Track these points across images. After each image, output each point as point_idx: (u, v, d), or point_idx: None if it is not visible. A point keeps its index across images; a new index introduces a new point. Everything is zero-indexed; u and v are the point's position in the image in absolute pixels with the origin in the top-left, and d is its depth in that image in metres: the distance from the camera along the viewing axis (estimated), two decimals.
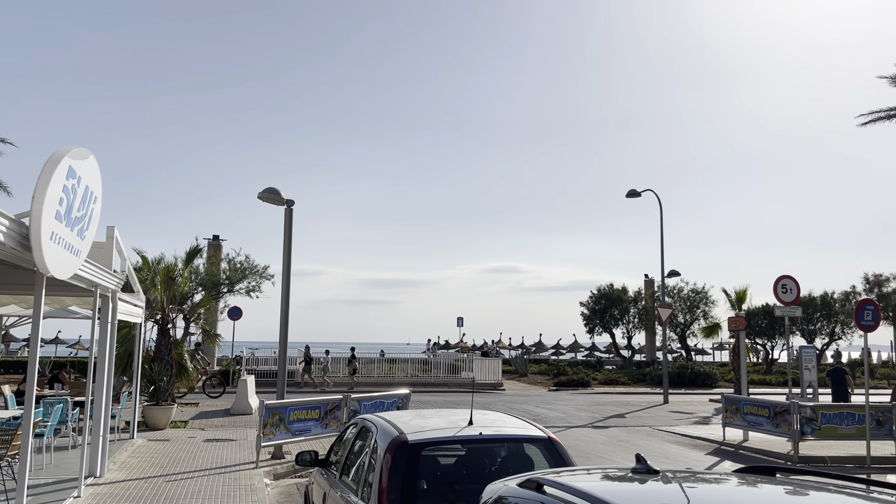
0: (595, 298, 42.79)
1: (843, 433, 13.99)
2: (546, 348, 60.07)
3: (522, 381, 35.02)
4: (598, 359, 49.64)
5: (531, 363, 42.86)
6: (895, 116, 30.88)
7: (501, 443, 5.73)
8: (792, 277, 15.98)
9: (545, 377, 35.79)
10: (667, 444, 15.69)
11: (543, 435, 5.66)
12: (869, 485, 2.81)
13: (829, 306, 42.01)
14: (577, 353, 58.01)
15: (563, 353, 59.84)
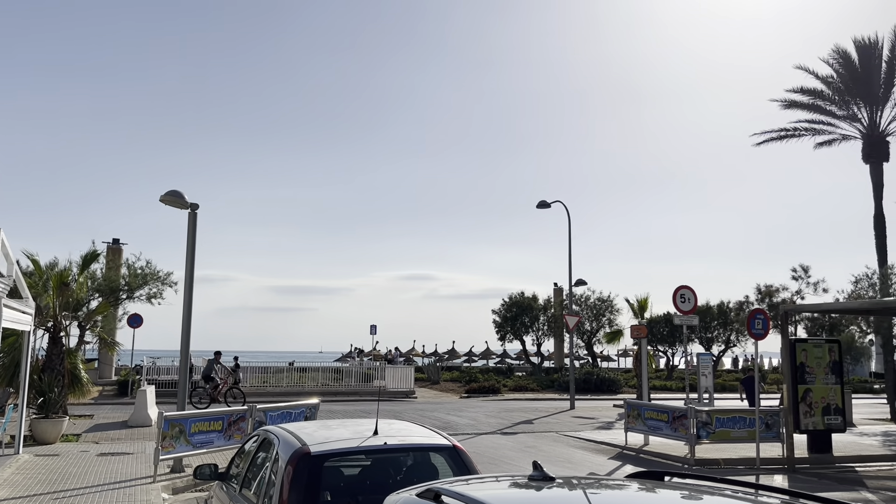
0: (507, 306, 43.43)
1: (735, 436, 14.71)
2: (459, 355, 60.47)
3: (435, 389, 35.11)
4: (509, 365, 50.38)
5: (444, 370, 43.04)
6: (786, 137, 32.89)
7: (406, 452, 5.71)
8: (690, 288, 16.70)
9: (457, 384, 36.01)
10: (572, 449, 16.06)
11: (448, 443, 5.68)
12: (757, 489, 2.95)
13: (724, 315, 44.13)
14: (489, 360, 58.67)
15: (476, 360, 60.38)
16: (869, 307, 18.39)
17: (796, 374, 15.03)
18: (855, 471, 13.86)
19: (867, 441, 18.05)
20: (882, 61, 30.04)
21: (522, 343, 44.31)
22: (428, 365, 46.17)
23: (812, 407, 15.08)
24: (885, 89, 30.09)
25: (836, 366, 15.54)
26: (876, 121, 30.21)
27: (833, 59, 30.86)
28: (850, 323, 31.60)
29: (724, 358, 49.46)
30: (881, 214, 29.34)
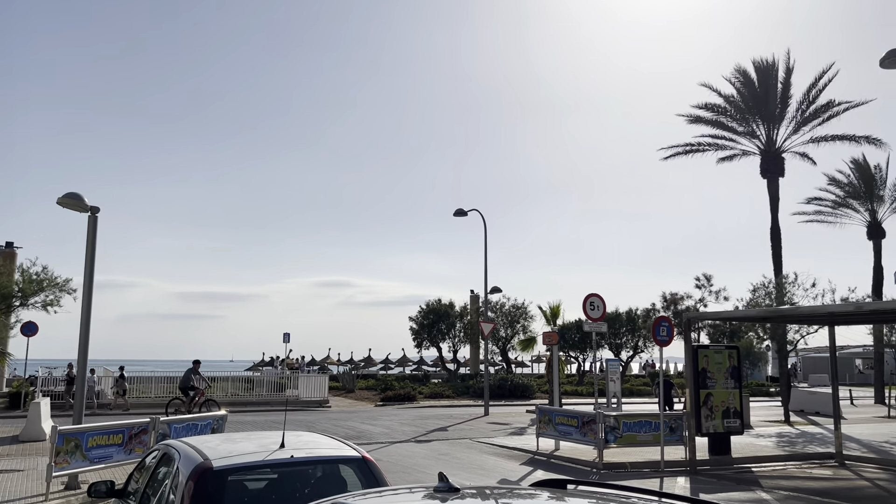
0: (424, 313, 43.47)
1: (641, 440, 15.17)
2: (375, 363, 60.10)
3: (350, 397, 34.72)
4: (426, 373, 50.42)
5: (359, 378, 42.64)
6: (691, 152, 34.38)
7: (314, 465, 5.60)
8: (599, 295, 17.15)
9: (373, 392, 35.73)
10: (485, 455, 16.18)
11: (357, 455, 5.61)
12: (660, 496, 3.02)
13: (633, 322, 45.62)
14: (406, 368, 58.58)
15: (392, 368, 60.16)
16: (765, 315, 19.37)
17: (698, 379, 15.66)
18: (751, 471, 14.54)
19: (763, 442, 18.99)
20: (778, 82, 31.85)
21: (439, 350, 44.45)
22: (343, 373, 45.63)
23: (713, 411, 15.73)
24: (781, 108, 31.90)
25: (735, 371, 16.28)
26: (773, 138, 31.98)
27: (735, 77, 32.50)
28: (748, 329, 33.20)
29: (632, 363, 51.05)
30: (777, 227, 31.04)
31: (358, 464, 5.57)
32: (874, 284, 36.38)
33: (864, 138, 31.49)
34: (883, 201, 37.83)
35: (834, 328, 16.46)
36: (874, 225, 37.74)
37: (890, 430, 22.76)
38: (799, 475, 14.22)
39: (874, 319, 22.07)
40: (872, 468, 15.06)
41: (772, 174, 31.52)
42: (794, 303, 26.15)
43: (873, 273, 36.95)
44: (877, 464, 15.52)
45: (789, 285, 27.46)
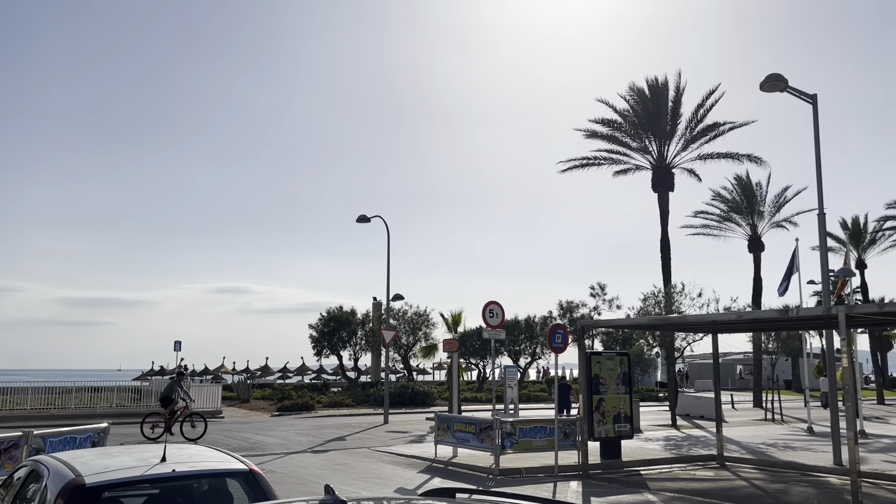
0: (324, 321, 42.77)
1: (536, 446, 15.44)
2: (272, 372, 58.63)
3: (244, 408, 33.66)
4: (325, 381, 49.61)
5: (255, 388, 41.45)
6: (587, 165, 35.53)
7: (198, 479, 5.34)
8: (498, 303, 17.38)
9: (269, 402, 34.80)
10: (383, 464, 16.03)
11: (244, 468, 5.39)
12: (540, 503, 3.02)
13: (531, 329, 46.61)
14: (305, 377, 57.45)
15: (291, 377, 58.85)
16: (654, 323, 20.20)
17: (591, 385, 16.12)
18: (640, 474, 15.08)
19: (651, 446, 19.77)
20: (669, 100, 33.43)
21: (339, 358, 43.86)
22: (238, 383, 44.23)
23: (605, 416, 16.23)
24: (671, 126, 33.49)
25: (626, 377, 16.87)
26: (664, 154, 33.52)
27: (629, 95, 33.86)
28: (639, 337, 34.53)
29: (530, 370, 52.05)
30: (666, 239, 32.50)
31: (245, 477, 5.34)
32: (754, 294, 38.73)
33: (747, 156, 33.50)
34: (763, 217, 40.37)
35: (717, 336, 17.35)
36: (755, 239, 40.20)
37: (767, 433, 24.20)
38: (683, 477, 14.86)
39: (753, 328, 23.44)
40: (750, 468, 15.94)
41: (662, 188, 33.00)
42: (681, 311, 27.42)
43: (753, 284, 39.33)
44: (754, 464, 16.45)
45: (677, 295, 28.79)
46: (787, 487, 13.58)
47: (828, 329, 17.69)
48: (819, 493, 12.94)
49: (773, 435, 23.23)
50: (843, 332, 11.78)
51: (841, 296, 28.27)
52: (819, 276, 18.38)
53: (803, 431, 24.21)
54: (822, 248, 16.90)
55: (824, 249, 16.89)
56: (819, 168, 16.66)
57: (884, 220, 46.28)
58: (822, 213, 16.72)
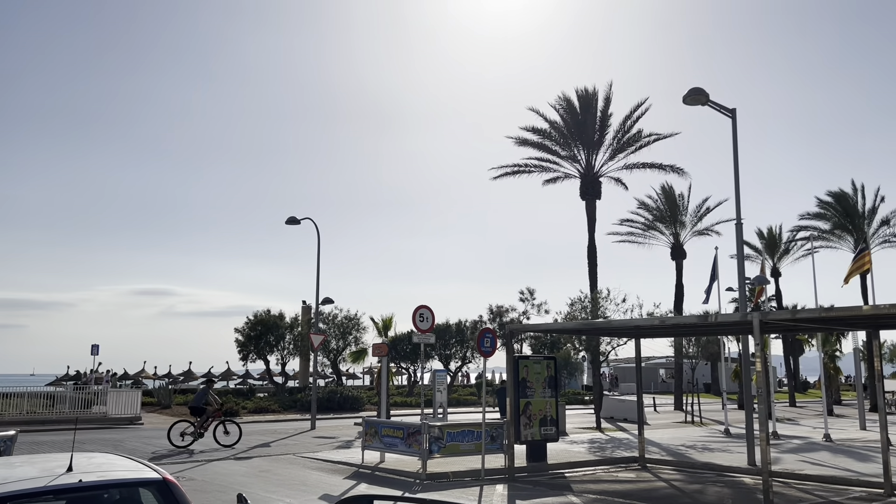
0: (251, 324, 41.85)
1: (464, 449, 15.47)
2: (196, 377, 57.12)
3: (166, 414, 32.57)
4: (251, 386, 48.60)
5: (178, 393, 40.20)
6: (518, 173, 35.99)
7: (107, 489, 5.10)
8: (428, 307, 17.38)
9: None
10: (308, 470, 15.77)
11: (158, 476, 5.17)
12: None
13: (462, 333, 46.85)
14: (230, 382, 56.20)
15: (215, 382, 57.41)
16: (580, 327, 20.58)
17: (518, 388, 16.28)
18: (564, 476, 15.31)
19: (576, 448, 20.12)
20: (598, 111, 34.23)
21: (266, 363, 43.00)
22: (159, 388, 42.78)
23: (531, 419, 16.42)
24: (599, 135, 34.28)
25: (552, 380, 17.12)
26: (591, 163, 34.27)
27: (559, 104, 34.50)
28: (566, 341, 35.13)
29: (460, 373, 52.25)
30: (593, 245, 33.23)
31: (158, 486, 5.12)
32: (676, 300, 39.99)
33: (671, 167, 34.60)
34: (685, 225, 41.77)
35: (640, 340, 17.80)
36: (677, 247, 41.53)
37: (686, 435, 24.99)
38: (606, 479, 15.17)
39: (675, 333, 24.19)
40: (669, 470, 16.41)
41: (590, 197, 33.74)
42: (606, 316, 28.07)
43: (675, 290, 40.61)
44: (673, 466, 16.94)
45: (603, 300, 29.47)
46: (703, 488, 14.03)
47: (744, 334, 18.40)
48: (733, 493, 13.42)
49: (692, 437, 24.00)
50: (758, 337, 12.26)
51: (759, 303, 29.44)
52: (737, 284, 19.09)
53: (721, 433, 25.11)
54: (739, 257, 17.58)
55: (741, 258, 17.58)
56: (737, 180, 17.33)
57: (797, 230, 48.59)
58: (740, 223, 17.40)
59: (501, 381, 34.68)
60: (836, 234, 44.45)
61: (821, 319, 13.67)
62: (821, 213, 45.24)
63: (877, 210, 43.57)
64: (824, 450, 20.17)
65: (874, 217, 43.66)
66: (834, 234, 44.59)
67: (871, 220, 43.64)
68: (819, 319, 13.74)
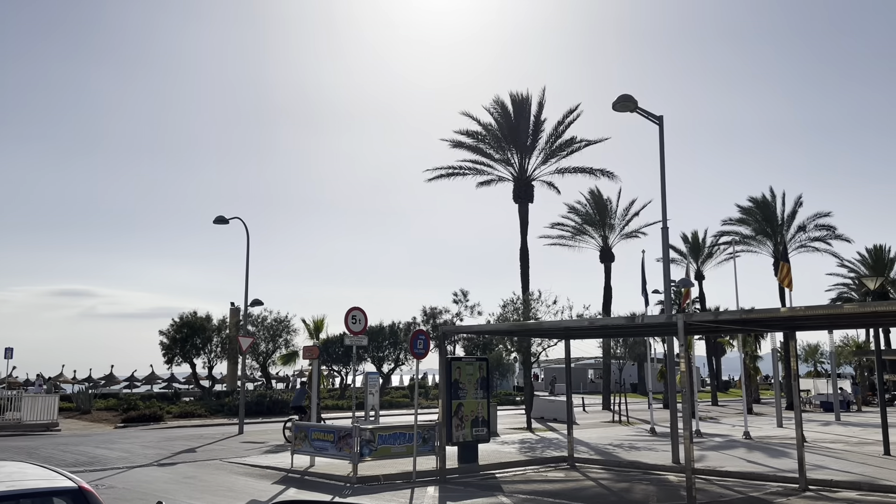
0: (177, 327, 40.62)
1: (396, 452, 15.39)
2: (118, 381, 55.06)
3: (85, 419, 31.28)
4: (176, 391, 47.20)
5: (98, 398, 38.64)
6: (453, 175, 36.10)
7: (16, 499, 4.84)
8: (361, 309, 17.20)
9: (113, 413, 32.56)
10: (235, 476, 15.38)
11: (73, 485, 4.95)
12: None
13: (395, 335, 46.67)
14: (154, 386, 54.42)
15: (139, 386, 55.55)
16: (512, 329, 20.79)
17: (450, 390, 16.30)
18: (495, 477, 15.41)
19: (507, 449, 20.29)
20: (531, 115, 34.67)
21: (193, 366, 41.81)
22: (78, 393, 41.01)
23: (463, 420, 16.46)
24: (532, 139, 34.73)
25: (484, 381, 17.22)
26: (524, 167, 34.68)
27: (493, 108, 34.78)
28: (499, 342, 35.43)
29: (393, 376, 52.05)
30: (525, 248, 33.63)
31: (73, 495, 4.91)
32: (604, 302, 40.89)
33: (601, 171, 35.34)
34: (614, 229, 42.76)
35: (569, 342, 18.09)
36: (606, 250, 42.48)
37: (614, 434, 25.55)
38: (536, 478, 15.34)
39: (603, 334, 24.69)
40: (597, 469, 16.73)
41: (522, 200, 34.14)
42: (538, 318, 28.44)
43: (604, 292, 41.51)
44: (601, 465, 17.28)
45: (535, 302, 29.85)
46: (630, 486, 14.35)
47: (669, 335, 18.93)
48: (658, 491, 13.77)
49: (619, 436, 24.55)
50: (682, 338, 12.62)
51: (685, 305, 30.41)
52: (663, 286, 19.63)
53: (647, 432, 25.77)
54: (664, 260, 18.08)
55: (667, 261, 18.09)
56: (663, 185, 17.83)
57: (720, 234, 50.39)
58: (666, 227, 17.90)
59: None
60: (757, 238, 46.29)
61: (741, 321, 14.18)
62: (742, 218, 47.03)
63: (795, 216, 45.63)
64: (744, 447, 20.94)
65: (792, 223, 45.69)
66: (755, 238, 46.42)
67: (790, 226, 45.66)
68: (740, 321, 14.25)
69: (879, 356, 21.05)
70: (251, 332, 36.70)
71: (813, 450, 19.17)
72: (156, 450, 20.28)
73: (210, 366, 42.26)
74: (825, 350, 69.12)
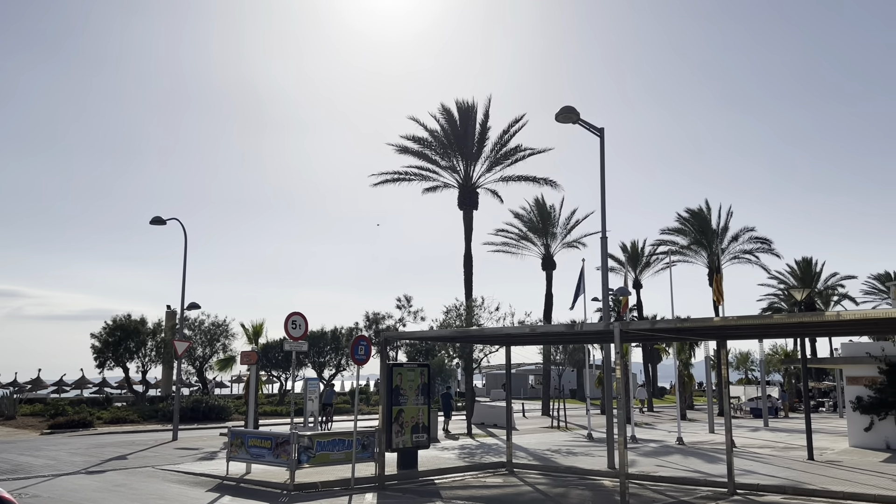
0: (109, 329, 39.32)
1: (334, 459, 15.22)
2: (46, 385, 53.03)
3: (9, 425, 29.98)
4: (108, 395, 45.74)
5: (24, 403, 37.11)
6: (399, 180, 36.08)
7: None
8: (301, 314, 17.03)
9: (39, 419, 31.32)
10: (168, 483, 14.98)
11: None
12: None
13: (337, 340, 46.26)
14: (84, 390, 52.60)
15: (68, 391, 53.57)
16: (454, 335, 20.84)
17: (391, 396, 16.24)
18: (434, 483, 15.41)
19: (447, 455, 20.32)
20: (477, 123, 34.96)
21: (126, 370, 40.54)
22: (2, 397, 39.28)
23: (403, 426, 16.41)
24: (478, 147, 35.01)
25: (425, 387, 17.21)
26: (470, 174, 34.93)
27: (440, 115, 34.95)
28: (441, 348, 35.47)
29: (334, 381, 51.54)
30: (469, 255, 33.83)
31: None
32: (545, 309, 41.43)
33: (544, 180, 35.88)
34: (556, 237, 43.40)
35: (510, 348, 18.25)
36: (547, 257, 43.07)
37: (552, 439, 25.86)
38: (475, 484, 15.40)
39: (544, 340, 25.01)
40: (535, 474, 16.91)
41: (467, 207, 34.38)
42: (480, 324, 28.61)
43: (545, 299, 42.07)
44: (539, 470, 17.47)
45: (477, 308, 30.03)
46: (566, 491, 14.55)
47: (607, 342, 19.29)
48: (593, 496, 13.99)
49: (557, 441, 24.88)
50: (618, 345, 12.88)
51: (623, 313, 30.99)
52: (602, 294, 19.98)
53: (584, 437, 26.18)
54: (603, 269, 18.43)
55: (605, 270, 18.43)
56: (603, 195, 18.18)
57: (658, 244, 51.68)
58: (605, 237, 18.25)
59: (447, 387, 35.04)
60: (693, 248, 47.63)
61: (676, 330, 14.56)
62: (680, 228, 48.34)
63: (728, 228, 47.14)
64: (677, 452, 21.48)
65: (726, 234, 47.18)
66: (690, 248, 47.75)
67: (724, 237, 47.13)
68: (674, 330, 14.63)
69: (805, 364, 21.88)
70: (187, 336, 35.84)
71: (742, 455, 19.80)
72: (84, 457, 19.59)
73: (144, 370, 41.07)
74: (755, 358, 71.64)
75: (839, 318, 11.61)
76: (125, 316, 39.76)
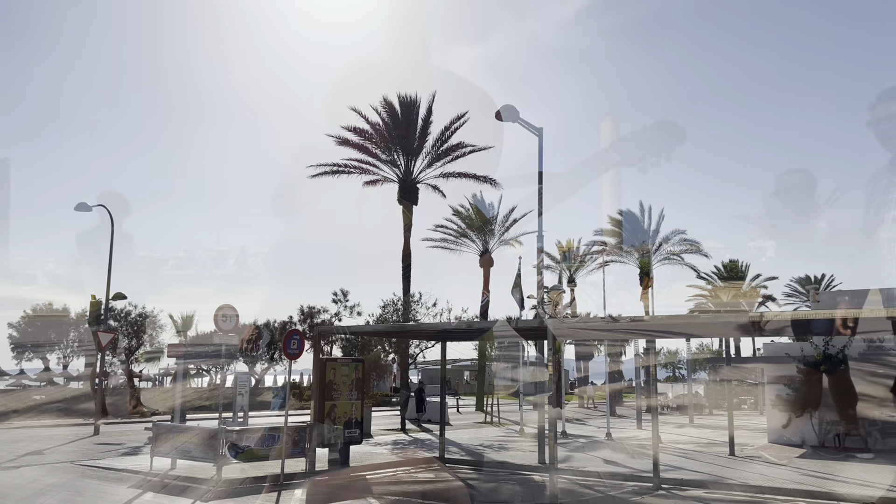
0: (29, 319, 37.73)
1: (264, 454, 14.94)
2: None
3: None
4: (26, 388, 43.86)
5: None
6: (338, 173, 35.67)
7: None
8: (232, 306, 16.67)
9: None
10: (88, 479, 14.42)
11: None
12: None
13: (272, 334, 45.53)
14: (1, 382, 50.25)
15: None
16: (390, 330, 20.78)
17: (324, 391, 16.05)
18: (366, 478, 15.29)
19: (379, 450, 20.22)
20: (419, 118, 34.86)
21: (46, 362, 38.97)
22: None
23: (336, 422, 16.24)
24: (419, 142, 34.93)
25: (359, 382, 17.07)
26: (410, 169, 34.84)
27: (382, 108, 34.70)
28: (377, 343, 35.31)
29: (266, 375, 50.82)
30: (408, 250, 33.75)
31: None
32: (482, 306, 41.65)
33: (484, 178, 36.05)
34: (494, 234, 43.70)
35: (446, 343, 18.29)
36: (485, 254, 43.32)
37: (485, 435, 26.05)
38: (406, 479, 15.36)
39: (479, 336, 25.16)
40: (467, 469, 16.99)
41: (407, 201, 34.27)
42: (417, 320, 28.60)
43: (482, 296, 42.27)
44: (471, 465, 17.56)
45: (415, 304, 30.02)
46: (497, 486, 14.66)
47: (541, 339, 19.55)
48: (523, 491, 14.14)
49: (490, 437, 25.07)
50: (551, 342, 13.05)
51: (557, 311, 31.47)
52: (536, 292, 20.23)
53: (516, 433, 26.46)
54: (538, 267, 18.65)
55: (541, 268, 18.66)
56: (540, 194, 18.39)
57: (593, 244, 52.64)
58: (541, 235, 18.47)
59: (420, 382, 34.68)
60: (625, 249, 48.71)
61: (608, 329, 14.84)
62: (612, 229, 49.38)
63: (659, 230, 48.41)
64: (607, 448, 21.92)
65: (657, 236, 48.44)
66: (622, 249, 48.83)
67: (655, 239, 48.37)
68: (606, 328, 14.91)
69: (729, 363, 22.66)
70: (113, 327, 34.68)
71: (668, 451, 20.34)
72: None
73: (66, 362, 39.56)
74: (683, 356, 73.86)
75: (762, 319, 12.03)
76: (46, 305, 38.23)
